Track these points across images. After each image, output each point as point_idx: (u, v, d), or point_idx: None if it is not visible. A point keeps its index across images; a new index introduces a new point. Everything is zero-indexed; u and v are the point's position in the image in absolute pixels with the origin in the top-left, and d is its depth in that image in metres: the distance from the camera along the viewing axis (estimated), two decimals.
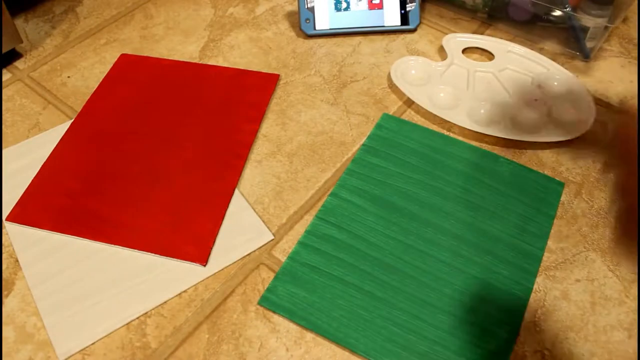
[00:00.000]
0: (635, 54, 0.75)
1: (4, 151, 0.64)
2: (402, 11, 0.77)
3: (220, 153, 0.63)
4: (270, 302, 0.51)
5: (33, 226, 0.56)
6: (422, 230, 0.56)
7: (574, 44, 0.74)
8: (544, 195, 0.59)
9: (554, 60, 0.73)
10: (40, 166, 0.62)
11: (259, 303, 0.51)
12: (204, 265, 0.54)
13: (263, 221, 0.57)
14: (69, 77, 0.73)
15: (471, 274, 0.53)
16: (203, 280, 0.53)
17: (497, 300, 0.51)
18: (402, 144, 0.63)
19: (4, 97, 0.70)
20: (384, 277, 0.53)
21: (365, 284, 0.52)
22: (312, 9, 0.76)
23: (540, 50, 0.75)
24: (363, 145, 0.64)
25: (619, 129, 0.47)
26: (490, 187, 0.60)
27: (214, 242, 0.55)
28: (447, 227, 0.56)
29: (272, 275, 0.53)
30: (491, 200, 0.59)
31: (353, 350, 0.48)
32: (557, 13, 0.74)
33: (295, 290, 0.52)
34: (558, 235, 0.56)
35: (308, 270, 0.53)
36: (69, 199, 0.58)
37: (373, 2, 0.77)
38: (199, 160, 0.62)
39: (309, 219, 0.58)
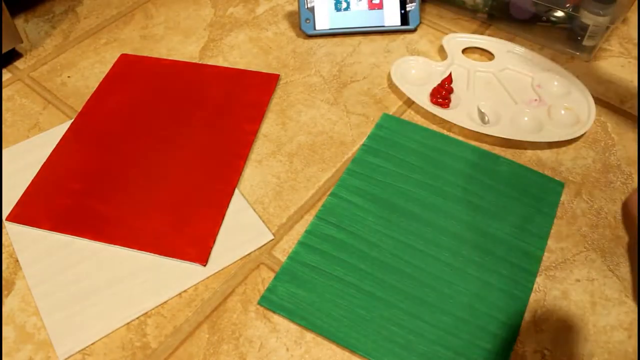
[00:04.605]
0: (635, 54, 0.75)
1: (4, 151, 0.64)
2: (402, 11, 0.77)
3: (221, 153, 0.63)
4: (270, 302, 0.51)
5: (33, 226, 0.56)
6: (422, 230, 0.56)
7: (574, 44, 0.74)
8: (544, 195, 0.59)
9: (554, 60, 0.73)
10: (40, 166, 0.62)
11: (259, 303, 0.51)
12: (204, 265, 0.54)
13: (263, 221, 0.57)
14: (69, 77, 0.73)
15: (471, 274, 0.53)
16: (203, 280, 0.53)
17: (497, 300, 0.51)
18: (402, 144, 0.63)
19: (4, 97, 0.70)
20: (384, 276, 0.53)
21: (365, 283, 0.52)
22: (312, 9, 0.76)
23: (540, 50, 0.75)
24: (363, 145, 0.64)
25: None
26: (490, 187, 0.60)
27: (214, 242, 0.55)
28: (447, 227, 0.56)
29: (272, 275, 0.53)
30: (491, 200, 0.58)
31: (353, 350, 0.48)
32: (558, 13, 0.74)
33: (295, 290, 0.52)
34: (558, 235, 0.56)
35: (308, 270, 0.53)
36: (69, 199, 0.58)
37: (373, 2, 0.77)
38: (199, 160, 0.62)
39: (309, 219, 0.58)
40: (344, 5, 0.76)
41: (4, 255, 0.55)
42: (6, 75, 0.73)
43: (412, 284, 0.52)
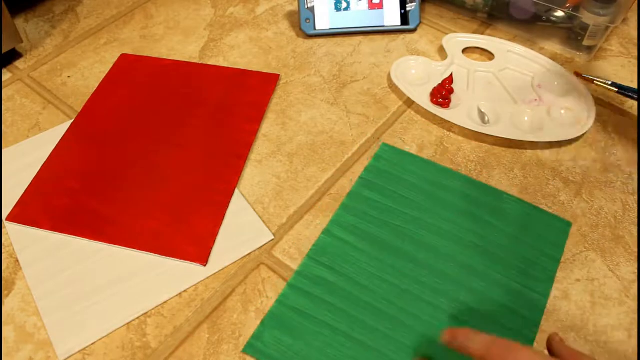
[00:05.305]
0: (635, 54, 0.75)
1: (4, 151, 0.64)
2: (402, 11, 0.77)
3: (221, 153, 0.63)
4: (255, 349, 0.48)
5: (33, 226, 0.56)
6: (418, 273, 0.53)
7: (574, 44, 0.74)
8: (549, 236, 0.56)
9: (554, 60, 0.73)
10: (40, 166, 0.62)
11: (244, 351, 0.48)
12: (204, 265, 0.54)
13: (263, 221, 0.57)
14: (69, 77, 0.73)
15: (470, 324, 0.49)
16: (203, 280, 0.53)
17: None
18: (400, 177, 0.60)
19: (4, 97, 0.71)
20: (375, 324, 0.49)
21: (355, 331, 0.49)
22: (312, 9, 0.76)
23: (540, 50, 0.75)
24: (360, 178, 0.60)
25: None
26: (492, 226, 0.56)
27: (214, 242, 0.55)
28: (445, 270, 0.53)
29: (272, 275, 0.53)
30: (493, 240, 0.55)
31: None
32: (558, 13, 0.74)
33: (282, 337, 0.49)
34: None
35: (296, 316, 0.50)
36: (69, 199, 0.58)
37: (373, 2, 0.77)
38: (199, 160, 0.62)
39: (309, 218, 0.58)
40: (344, 5, 0.76)
41: (4, 255, 0.55)
42: (6, 75, 0.73)
43: (405, 333, 0.49)
